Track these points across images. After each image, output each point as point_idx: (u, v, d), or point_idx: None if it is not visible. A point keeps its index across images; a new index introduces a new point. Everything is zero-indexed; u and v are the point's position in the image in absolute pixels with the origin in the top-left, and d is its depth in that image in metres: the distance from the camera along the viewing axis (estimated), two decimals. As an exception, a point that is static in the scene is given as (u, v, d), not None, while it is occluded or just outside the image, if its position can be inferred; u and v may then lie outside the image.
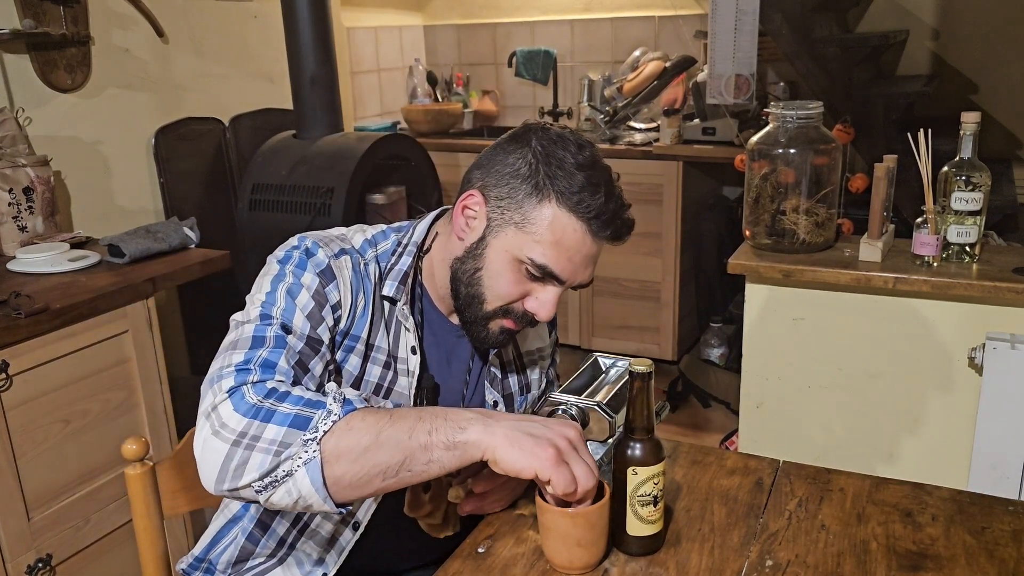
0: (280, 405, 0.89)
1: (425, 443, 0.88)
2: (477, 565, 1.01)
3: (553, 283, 1.07)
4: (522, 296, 1.08)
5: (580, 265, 1.06)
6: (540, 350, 1.31)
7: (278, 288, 1.02)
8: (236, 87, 2.96)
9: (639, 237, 3.39)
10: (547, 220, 1.03)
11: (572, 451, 0.91)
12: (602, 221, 1.03)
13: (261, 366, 0.93)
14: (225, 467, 0.87)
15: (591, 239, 1.04)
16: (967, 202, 1.70)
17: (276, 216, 2.48)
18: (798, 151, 1.83)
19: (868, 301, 1.83)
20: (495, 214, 1.06)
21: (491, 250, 1.06)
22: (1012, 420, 1.70)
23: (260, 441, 0.86)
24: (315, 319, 1.02)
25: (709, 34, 2.60)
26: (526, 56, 3.96)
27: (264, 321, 0.98)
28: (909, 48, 3.32)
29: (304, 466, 0.86)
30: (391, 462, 0.88)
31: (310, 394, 0.91)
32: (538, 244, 1.03)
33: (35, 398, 1.70)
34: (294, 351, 0.97)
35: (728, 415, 3.10)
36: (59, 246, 2.02)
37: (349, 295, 1.06)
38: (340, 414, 0.88)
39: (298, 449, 0.86)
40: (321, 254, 1.06)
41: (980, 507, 1.11)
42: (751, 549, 1.03)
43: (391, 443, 0.87)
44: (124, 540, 1.90)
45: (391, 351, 1.12)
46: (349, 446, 0.87)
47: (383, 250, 1.14)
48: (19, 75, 2.26)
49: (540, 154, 1.04)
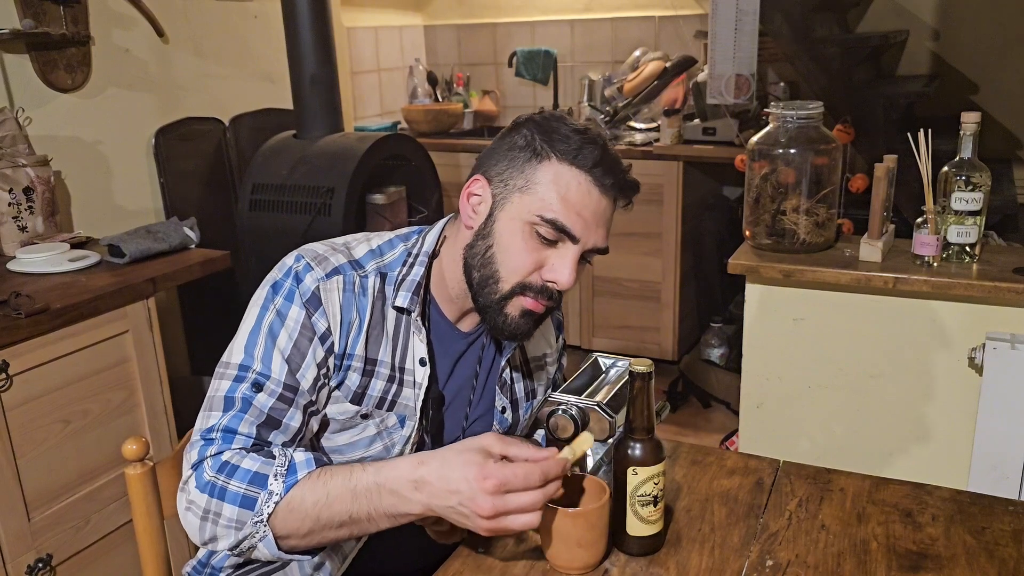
0: (230, 482, 0.95)
1: (367, 517, 0.94)
2: (477, 565, 1.01)
3: (567, 243, 1.05)
4: (537, 267, 1.05)
5: (592, 222, 1.05)
6: (546, 355, 1.31)
7: (261, 328, 1.04)
8: (236, 87, 2.96)
9: (639, 237, 3.40)
10: (550, 177, 1.03)
11: (500, 497, 0.88)
12: (604, 169, 1.04)
13: (223, 434, 0.99)
14: (202, 537, 0.98)
15: (597, 191, 1.04)
16: (967, 202, 1.70)
17: (276, 216, 2.48)
18: (798, 151, 1.83)
19: (868, 301, 1.83)
20: (499, 189, 1.06)
21: (500, 223, 1.06)
22: (1012, 420, 1.70)
23: (221, 519, 0.95)
24: (297, 361, 1.03)
25: (709, 34, 2.60)
26: (526, 56, 3.96)
27: (240, 376, 1.02)
28: (909, 48, 3.32)
29: (261, 542, 0.95)
30: (339, 535, 0.97)
31: (258, 465, 0.96)
32: (544, 201, 1.03)
33: (35, 398, 1.70)
34: (262, 411, 1.01)
35: (728, 415, 3.10)
36: (59, 246, 2.02)
37: (338, 318, 1.05)
38: (281, 493, 0.94)
39: (251, 529, 0.95)
40: (309, 279, 1.05)
41: (980, 507, 1.11)
42: (751, 549, 1.03)
43: (333, 524, 0.95)
44: (124, 540, 1.90)
45: (396, 363, 1.10)
46: (294, 528, 0.95)
47: (391, 260, 1.12)
48: (19, 75, 2.26)
49: (536, 127, 1.06)
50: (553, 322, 1.33)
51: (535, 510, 0.89)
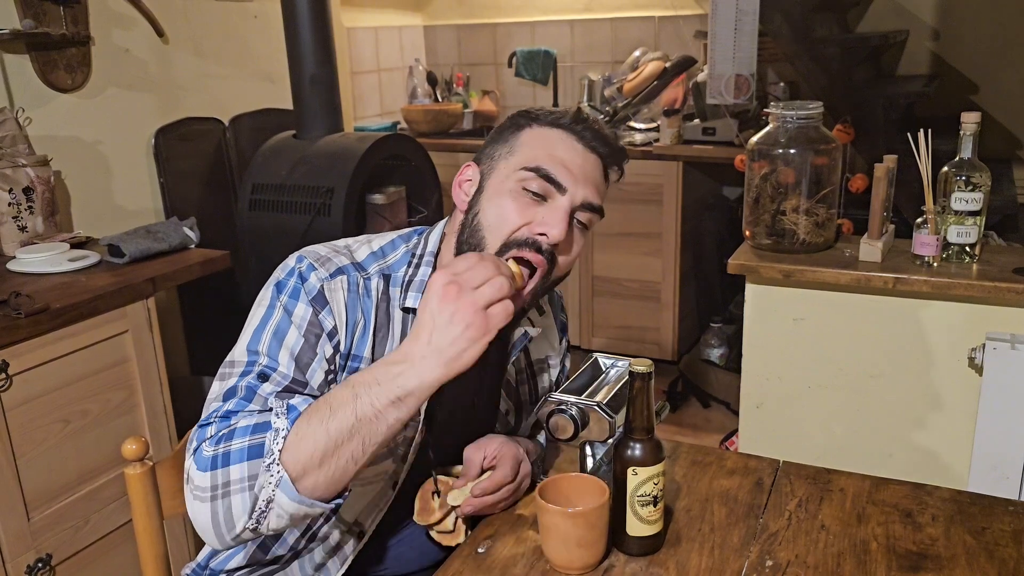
0: (231, 444, 0.90)
1: (373, 413, 0.88)
2: (477, 565, 1.01)
3: (556, 197, 1.04)
4: (526, 223, 1.04)
5: (579, 176, 1.05)
6: (549, 358, 1.31)
7: (267, 327, 1.01)
8: (236, 87, 2.96)
9: (639, 237, 3.40)
10: (531, 137, 1.07)
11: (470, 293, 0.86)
12: (584, 127, 1.06)
13: (220, 418, 0.94)
14: (216, 523, 0.90)
15: (580, 146, 1.07)
16: (967, 202, 1.70)
17: (276, 216, 2.48)
18: (798, 151, 1.83)
19: (868, 301, 1.83)
20: (486, 164, 1.10)
21: (488, 190, 1.08)
22: (1012, 420, 1.70)
23: (231, 485, 0.89)
24: (305, 359, 1.00)
25: (709, 34, 2.60)
26: (526, 56, 3.96)
27: (246, 370, 0.99)
28: (909, 48, 3.32)
29: (278, 487, 0.88)
30: (353, 449, 0.89)
31: (255, 418, 0.92)
32: (530, 156, 1.06)
33: (35, 398, 1.70)
34: (265, 399, 0.96)
35: (728, 415, 3.10)
36: (59, 246, 2.02)
37: (344, 318, 1.04)
38: (287, 427, 0.89)
39: (264, 476, 0.88)
40: (314, 278, 1.04)
41: (980, 507, 1.11)
42: (751, 549, 1.03)
43: (343, 433, 0.88)
44: (124, 540, 1.90)
45: None
46: (307, 455, 0.88)
47: (393, 261, 1.11)
48: (19, 75, 2.26)
49: (520, 112, 1.12)
50: (557, 324, 1.33)
51: (505, 295, 0.87)
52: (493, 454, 1.12)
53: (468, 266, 0.88)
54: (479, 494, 1.08)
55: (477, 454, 1.13)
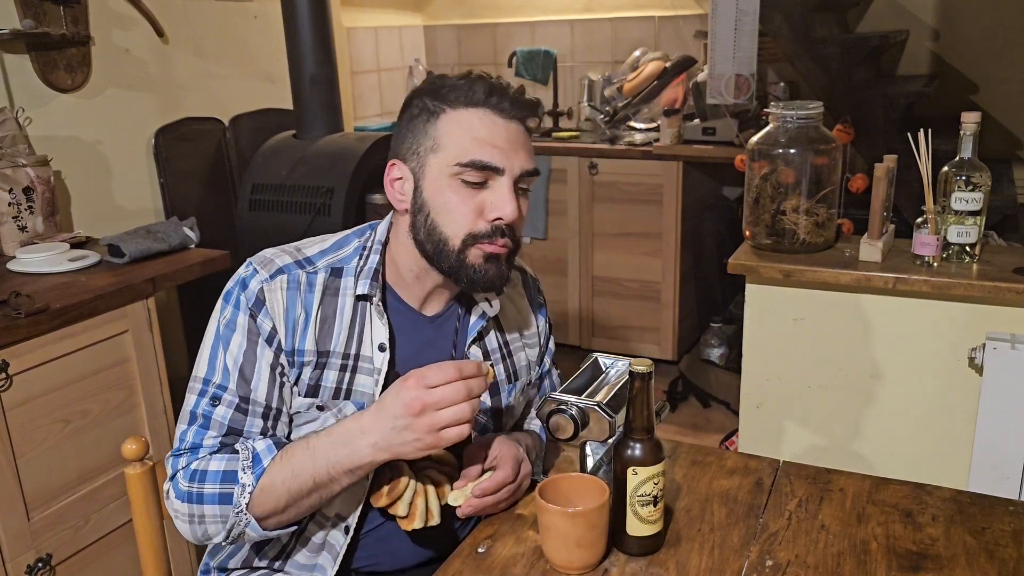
0: (204, 487, 1.04)
1: (329, 479, 1.02)
2: (477, 565, 1.01)
3: (496, 178, 1.07)
4: (479, 214, 1.07)
5: (509, 149, 1.07)
6: (526, 336, 1.30)
7: (216, 339, 1.10)
8: (236, 87, 2.96)
9: (639, 237, 3.40)
10: (452, 126, 1.07)
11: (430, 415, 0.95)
12: (498, 97, 1.07)
13: (190, 449, 1.07)
14: (195, 536, 1.07)
15: (500, 119, 1.07)
16: (967, 202, 1.70)
17: (276, 216, 2.48)
18: (798, 151, 1.83)
19: (868, 301, 1.83)
20: (414, 162, 1.10)
21: (427, 191, 1.09)
22: (1012, 420, 1.70)
23: (206, 518, 1.05)
24: (248, 369, 1.08)
25: (709, 34, 2.60)
26: (526, 56, 3.96)
27: (202, 389, 1.09)
28: (909, 48, 3.32)
29: (247, 527, 1.04)
30: (311, 502, 1.04)
31: (224, 464, 1.04)
32: (457, 148, 1.06)
33: (35, 398, 1.70)
34: (222, 424, 1.08)
35: (728, 415, 3.10)
36: (59, 246, 2.02)
37: (282, 318, 1.09)
38: (252, 483, 1.03)
39: (235, 519, 1.04)
40: (254, 283, 1.10)
41: (980, 507, 1.11)
42: (751, 549, 1.03)
43: (303, 492, 1.03)
44: (124, 540, 1.90)
45: (351, 352, 1.12)
46: (271, 507, 1.03)
47: (345, 255, 1.15)
48: (19, 75, 2.26)
49: (423, 93, 1.10)
50: (533, 305, 1.33)
51: (466, 421, 0.96)
52: (494, 454, 1.12)
53: (440, 381, 0.95)
54: (480, 495, 1.08)
55: (477, 454, 1.13)
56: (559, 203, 3.53)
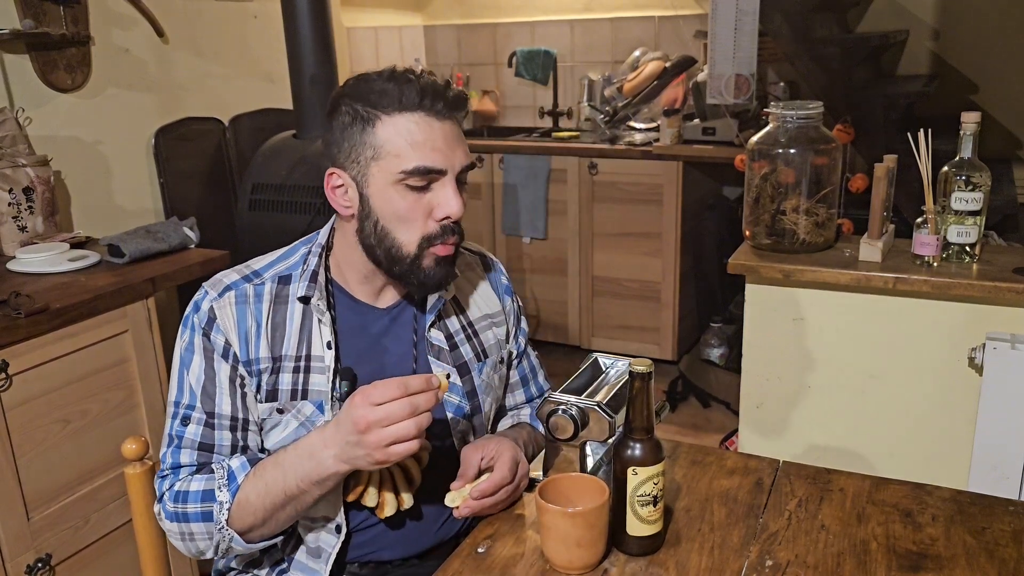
0: (187, 507, 1.09)
1: (299, 491, 1.05)
2: (477, 565, 1.01)
3: (438, 179, 1.09)
4: (427, 215, 1.10)
5: (446, 148, 1.09)
6: (492, 316, 1.31)
7: (180, 363, 1.16)
8: (236, 87, 2.96)
9: (639, 237, 3.40)
10: (390, 134, 1.08)
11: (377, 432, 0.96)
12: (431, 98, 1.08)
13: (172, 469, 1.13)
14: (190, 552, 1.12)
15: (435, 120, 1.09)
16: (967, 202, 1.70)
17: (276, 216, 2.48)
18: (798, 151, 1.83)
19: (868, 301, 1.83)
20: (354, 170, 1.11)
21: (373, 198, 1.10)
22: (1012, 420, 1.70)
23: (194, 536, 1.10)
24: (210, 386, 1.13)
25: (709, 34, 2.60)
26: (526, 56, 3.96)
27: (174, 412, 1.14)
28: (909, 48, 3.32)
29: (232, 543, 1.09)
30: (288, 513, 1.08)
31: (203, 484, 1.09)
32: (398, 157, 1.07)
33: (35, 398, 1.70)
34: (194, 441, 1.13)
35: (728, 415, 3.10)
36: (59, 246, 2.02)
37: (234, 330, 1.13)
38: (229, 500, 1.07)
39: (219, 536, 1.09)
40: (205, 303, 1.14)
41: (980, 507, 1.11)
42: (751, 549, 1.03)
43: (277, 506, 1.06)
44: (124, 540, 1.90)
45: (303, 354, 1.15)
46: (250, 522, 1.08)
47: (292, 263, 1.19)
48: (19, 75, 2.26)
49: (351, 98, 1.10)
50: (496, 286, 1.34)
51: (412, 438, 0.97)
52: (491, 455, 1.13)
53: (383, 399, 0.97)
54: (478, 496, 1.08)
55: (474, 455, 1.13)
56: (559, 203, 3.53)
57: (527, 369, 1.39)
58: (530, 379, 1.40)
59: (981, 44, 3.20)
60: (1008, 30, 3.15)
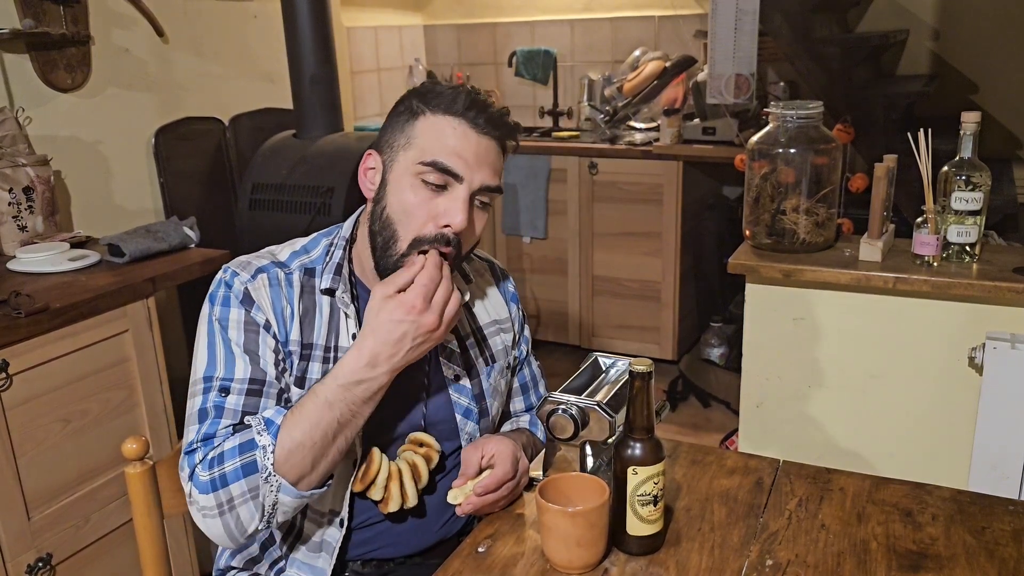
0: (224, 467, 1.02)
1: (351, 414, 1.03)
2: (477, 565, 1.01)
3: (455, 186, 1.09)
4: (431, 217, 1.09)
5: (474, 162, 1.09)
6: (500, 322, 1.31)
7: (212, 337, 1.10)
8: (236, 87, 2.96)
9: (639, 237, 3.40)
10: (427, 129, 1.09)
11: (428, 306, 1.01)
12: (476, 111, 1.09)
13: (203, 442, 1.05)
14: (229, 533, 1.04)
15: (473, 132, 1.09)
16: (967, 202, 1.70)
17: (276, 216, 2.48)
18: (798, 151, 1.83)
19: (868, 301, 1.83)
20: (387, 155, 1.13)
21: (391, 184, 1.11)
22: (1012, 420, 1.70)
23: (235, 500, 1.02)
24: (253, 349, 1.09)
25: (709, 34, 2.60)
26: (526, 56, 3.96)
27: (206, 387, 1.08)
28: (909, 48, 3.32)
29: (279, 492, 1.02)
30: (339, 446, 1.04)
31: (238, 439, 1.03)
32: (425, 149, 1.09)
33: (35, 398, 1.70)
34: (236, 411, 1.07)
35: (728, 415, 3.10)
36: (59, 246, 2.02)
37: (271, 311, 1.12)
38: (272, 442, 1.01)
39: (265, 487, 1.01)
40: (237, 283, 1.12)
41: (980, 507, 1.11)
42: (751, 549, 1.03)
43: (328, 438, 1.02)
44: (124, 540, 1.90)
45: (331, 344, 1.15)
46: (300, 463, 1.02)
47: (316, 256, 1.19)
48: (19, 75, 2.26)
49: (415, 94, 1.13)
50: (504, 294, 1.34)
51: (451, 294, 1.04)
52: (490, 453, 1.13)
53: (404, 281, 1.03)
54: (481, 492, 1.08)
55: (475, 453, 1.14)
56: (559, 203, 3.54)
57: (528, 377, 1.39)
58: (531, 387, 1.40)
59: (981, 44, 3.20)
60: (1008, 30, 3.15)
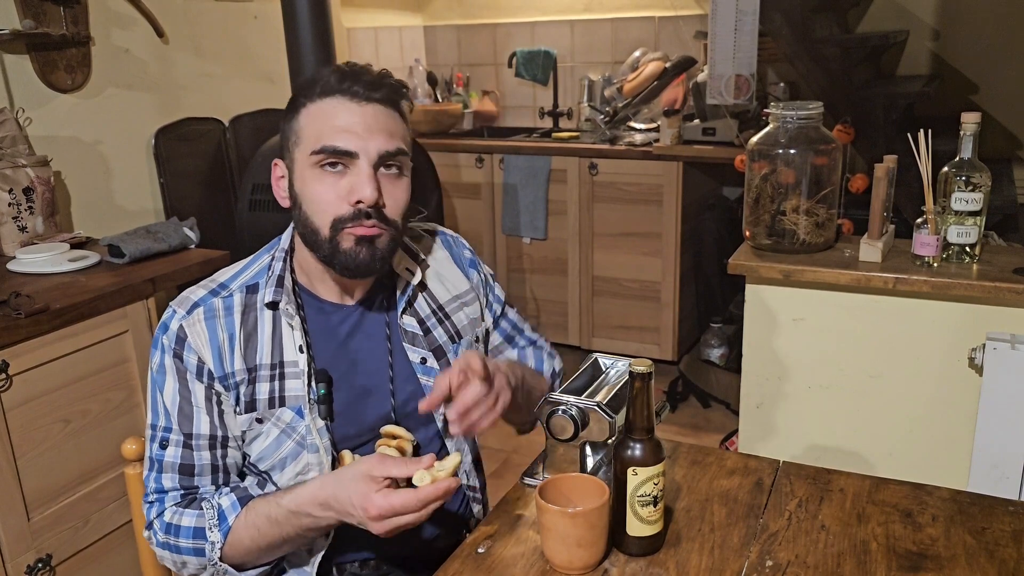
0: (179, 541, 1.10)
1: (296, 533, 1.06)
2: (477, 565, 1.01)
3: (354, 162, 1.08)
4: (342, 197, 1.09)
5: (363, 131, 1.08)
6: (461, 296, 1.30)
7: (153, 388, 1.13)
8: (236, 87, 2.96)
9: (639, 237, 3.40)
10: (309, 118, 1.10)
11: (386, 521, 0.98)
12: (350, 82, 1.08)
13: (156, 496, 1.12)
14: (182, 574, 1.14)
15: (352, 103, 1.09)
16: (967, 202, 1.70)
17: (276, 216, 2.46)
18: (798, 151, 1.83)
19: (868, 301, 1.83)
20: (287, 158, 1.14)
21: (297, 183, 1.12)
22: (1012, 420, 1.70)
23: (188, 566, 1.12)
24: (186, 407, 1.11)
25: (709, 34, 2.60)
26: (526, 56, 3.96)
27: (152, 435, 1.13)
28: (909, 48, 3.32)
29: (227, 573, 1.10)
30: (283, 551, 1.11)
31: (194, 521, 1.10)
32: (313, 138, 1.09)
33: (35, 398, 1.70)
34: (174, 464, 1.12)
35: (728, 415, 3.10)
36: (59, 246, 2.02)
37: (207, 347, 1.12)
38: (221, 540, 1.08)
39: (212, 569, 1.10)
40: (173, 323, 1.13)
41: (980, 507, 1.11)
42: (751, 549, 1.03)
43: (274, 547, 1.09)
44: (124, 540, 1.90)
45: (277, 361, 1.14)
46: (243, 558, 1.10)
47: (257, 271, 1.18)
48: (19, 75, 2.26)
49: (295, 91, 1.15)
50: (460, 263, 1.33)
51: (420, 522, 0.99)
52: (456, 370, 1.05)
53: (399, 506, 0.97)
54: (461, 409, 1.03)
55: (443, 381, 1.06)
56: (559, 203, 3.54)
57: (509, 328, 1.37)
58: (515, 335, 1.38)
59: (981, 44, 3.20)
60: (1008, 30, 3.15)
